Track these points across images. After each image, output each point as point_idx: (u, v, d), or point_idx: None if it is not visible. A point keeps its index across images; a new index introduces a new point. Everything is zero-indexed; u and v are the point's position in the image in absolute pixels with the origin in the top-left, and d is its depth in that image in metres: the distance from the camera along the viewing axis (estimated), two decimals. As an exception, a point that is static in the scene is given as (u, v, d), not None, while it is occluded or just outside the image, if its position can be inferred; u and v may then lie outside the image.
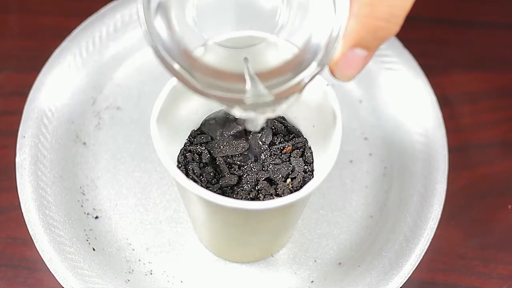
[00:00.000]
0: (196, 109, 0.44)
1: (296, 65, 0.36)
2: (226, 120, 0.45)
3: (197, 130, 0.45)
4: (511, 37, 0.61)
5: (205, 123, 0.45)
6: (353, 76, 0.36)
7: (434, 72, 0.56)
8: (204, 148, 0.44)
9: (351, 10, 0.34)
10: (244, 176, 0.43)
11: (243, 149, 0.44)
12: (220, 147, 0.44)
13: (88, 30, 0.55)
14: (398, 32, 0.58)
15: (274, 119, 0.45)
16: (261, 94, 0.35)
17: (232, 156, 0.44)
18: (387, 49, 0.56)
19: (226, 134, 0.45)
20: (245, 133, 0.45)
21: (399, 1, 0.34)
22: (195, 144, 0.44)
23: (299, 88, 0.35)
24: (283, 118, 0.46)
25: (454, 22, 0.62)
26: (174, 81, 0.40)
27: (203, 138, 0.45)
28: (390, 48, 0.56)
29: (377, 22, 0.34)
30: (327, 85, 0.41)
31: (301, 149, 0.45)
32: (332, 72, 0.36)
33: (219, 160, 0.44)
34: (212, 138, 0.45)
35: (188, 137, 0.45)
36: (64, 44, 0.54)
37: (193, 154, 0.44)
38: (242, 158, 0.44)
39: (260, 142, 0.45)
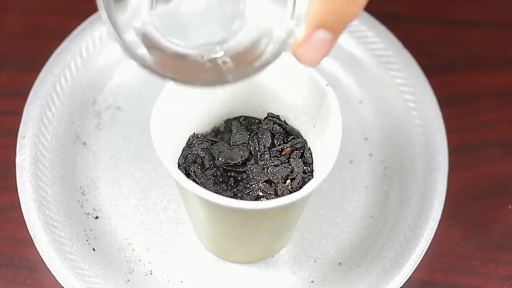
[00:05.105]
0: (196, 109, 0.44)
1: (257, 49, 0.36)
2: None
3: (197, 134, 0.45)
4: (511, 37, 0.61)
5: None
6: (318, 61, 0.36)
7: (434, 72, 0.56)
8: (205, 153, 0.44)
9: None
10: (244, 177, 0.43)
11: (243, 157, 0.44)
12: (220, 152, 0.44)
13: (88, 30, 0.55)
14: (398, 32, 0.58)
15: (274, 121, 0.45)
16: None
17: (232, 162, 0.44)
18: (387, 49, 0.56)
19: (228, 143, 0.45)
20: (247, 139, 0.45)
21: None
22: (196, 147, 0.44)
23: (258, 69, 0.35)
24: (283, 120, 0.46)
25: (454, 22, 0.62)
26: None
27: (203, 144, 0.45)
28: (390, 48, 0.56)
29: (339, 3, 0.34)
30: (327, 85, 0.41)
31: (301, 150, 0.45)
32: (294, 55, 0.36)
33: (218, 165, 0.44)
34: (212, 143, 0.45)
35: (189, 139, 0.45)
36: (64, 44, 0.54)
37: (195, 156, 0.44)
38: (242, 164, 0.44)
39: (261, 146, 0.44)
